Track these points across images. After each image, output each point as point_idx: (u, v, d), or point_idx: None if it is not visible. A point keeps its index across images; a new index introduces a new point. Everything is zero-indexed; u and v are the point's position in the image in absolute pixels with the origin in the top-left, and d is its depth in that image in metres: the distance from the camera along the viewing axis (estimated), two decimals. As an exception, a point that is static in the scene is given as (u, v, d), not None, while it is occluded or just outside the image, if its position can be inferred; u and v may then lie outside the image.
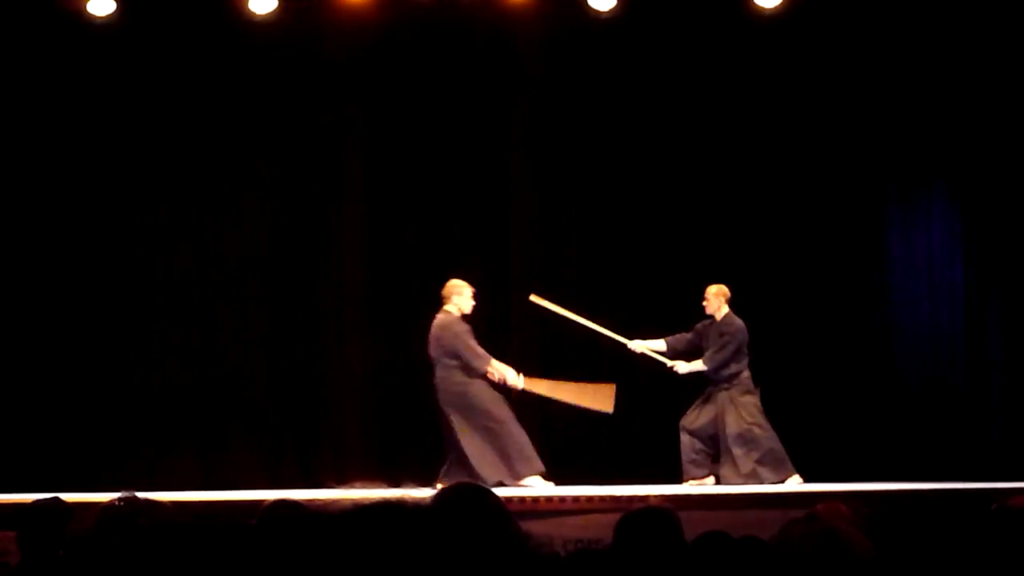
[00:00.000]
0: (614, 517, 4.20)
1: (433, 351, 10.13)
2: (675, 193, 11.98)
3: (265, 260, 11.73)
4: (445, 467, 10.09)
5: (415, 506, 2.83)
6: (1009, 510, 3.96)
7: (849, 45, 11.89)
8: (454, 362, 10.06)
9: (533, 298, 10.74)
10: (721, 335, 10.63)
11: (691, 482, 10.46)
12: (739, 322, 10.68)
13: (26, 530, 4.86)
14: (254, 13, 11.15)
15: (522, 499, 8.58)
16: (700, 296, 10.83)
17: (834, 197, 11.99)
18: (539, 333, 11.66)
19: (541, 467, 9.95)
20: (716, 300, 10.73)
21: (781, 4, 11.35)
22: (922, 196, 12.19)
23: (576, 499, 8.61)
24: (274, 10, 11.18)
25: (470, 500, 2.88)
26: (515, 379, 10.15)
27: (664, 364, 10.76)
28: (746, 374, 10.64)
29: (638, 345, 10.80)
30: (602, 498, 8.64)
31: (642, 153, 12.02)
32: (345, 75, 11.85)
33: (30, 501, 5.08)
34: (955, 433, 11.73)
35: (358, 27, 11.56)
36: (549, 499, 8.67)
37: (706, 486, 10.28)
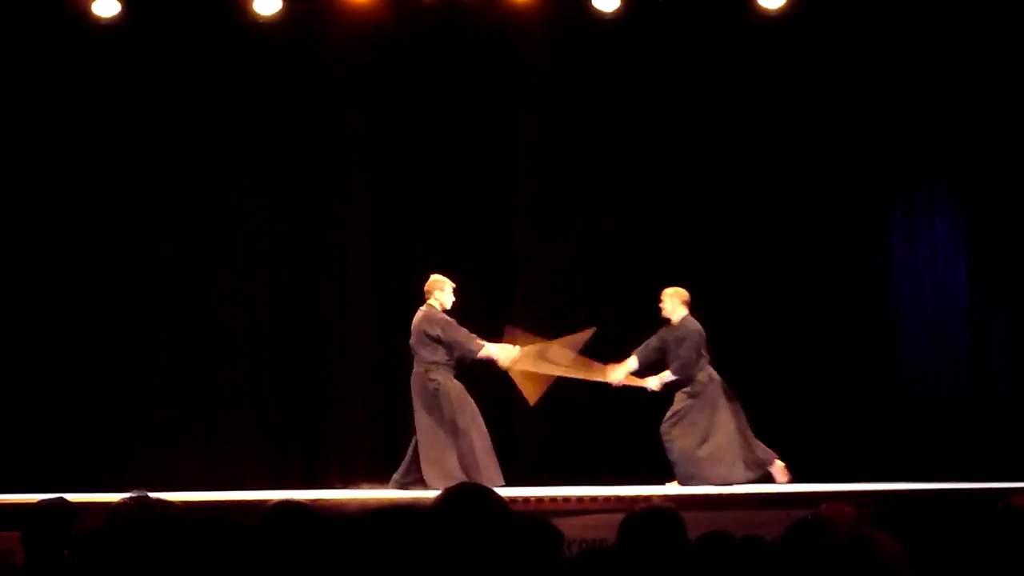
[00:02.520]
0: (618, 517, 4.21)
1: (414, 342, 10.01)
2: (678, 193, 11.97)
3: (270, 260, 11.76)
4: (404, 465, 9.93)
5: (418, 507, 2.83)
6: (1013, 509, 3.96)
7: (852, 46, 11.87)
8: (434, 357, 9.91)
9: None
10: (678, 340, 10.26)
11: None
12: (695, 324, 10.34)
13: (30, 530, 4.86)
14: (258, 14, 11.17)
15: (526, 499, 8.58)
16: (702, 296, 10.82)
17: (838, 197, 11.99)
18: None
19: (499, 480, 9.55)
20: (671, 302, 10.39)
21: (784, 5, 11.35)
22: (925, 196, 12.18)
23: (580, 499, 8.61)
24: (278, 11, 11.20)
25: (473, 501, 2.88)
26: (506, 357, 9.88)
27: (644, 388, 10.40)
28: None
29: (618, 377, 10.31)
30: (606, 498, 8.64)
31: (646, 154, 12.01)
32: (349, 76, 11.85)
33: (34, 501, 5.08)
34: (958, 432, 11.72)
35: (362, 28, 11.56)
36: (553, 499, 8.67)
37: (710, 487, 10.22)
